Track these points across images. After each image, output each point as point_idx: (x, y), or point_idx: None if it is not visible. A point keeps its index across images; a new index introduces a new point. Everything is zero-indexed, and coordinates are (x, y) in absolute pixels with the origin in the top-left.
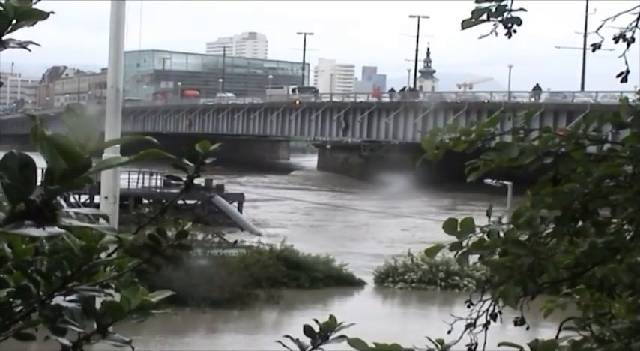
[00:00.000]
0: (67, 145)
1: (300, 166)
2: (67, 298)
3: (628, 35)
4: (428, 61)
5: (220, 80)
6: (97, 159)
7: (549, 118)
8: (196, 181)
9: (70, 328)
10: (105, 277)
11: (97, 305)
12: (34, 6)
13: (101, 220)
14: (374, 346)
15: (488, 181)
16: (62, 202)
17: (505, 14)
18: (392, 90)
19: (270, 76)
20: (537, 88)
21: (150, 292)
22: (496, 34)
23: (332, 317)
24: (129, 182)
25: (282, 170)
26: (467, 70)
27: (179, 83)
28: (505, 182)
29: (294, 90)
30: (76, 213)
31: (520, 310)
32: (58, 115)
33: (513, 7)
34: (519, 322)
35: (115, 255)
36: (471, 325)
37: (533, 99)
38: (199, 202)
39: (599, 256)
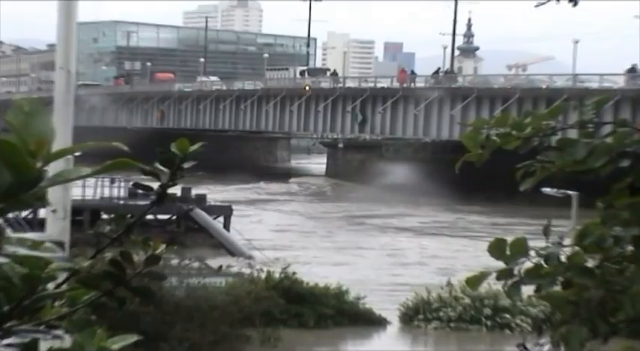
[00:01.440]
0: (12, 152)
1: (304, 171)
2: (3, 341)
3: None
4: (469, 35)
5: (202, 60)
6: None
7: (626, 109)
8: (171, 191)
9: None
10: (52, 314)
11: None
12: None
13: (46, 243)
14: None
15: (547, 189)
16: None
17: None
18: (412, 72)
19: (266, 55)
20: (633, 70)
21: (111, 335)
22: (557, 0)
23: None
24: (84, 191)
25: (281, 176)
26: (519, 46)
27: (148, 64)
28: (568, 191)
29: (302, 73)
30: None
31: None
32: None
33: None
34: None
35: (65, 286)
36: None
37: (623, 84)
38: (174, 218)
39: None
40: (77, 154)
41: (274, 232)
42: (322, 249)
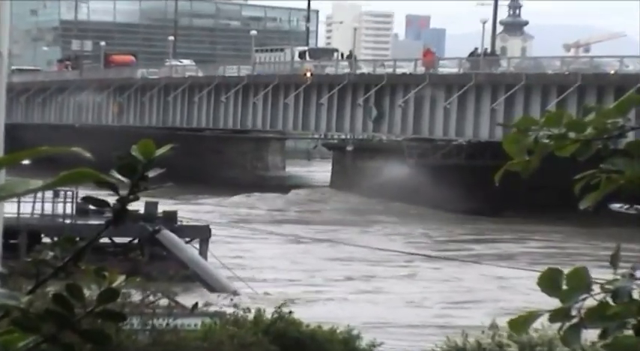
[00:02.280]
0: None
1: (303, 181)
2: None
3: None
4: (515, 6)
5: (171, 38)
6: None
7: None
8: (131, 207)
9: None
10: None
11: None
12: None
13: None
14: None
15: (615, 205)
16: None
17: None
18: (437, 55)
19: (254, 32)
20: None
21: None
22: None
23: None
24: (19, 207)
25: (274, 188)
26: (581, 21)
27: (102, 43)
28: None
29: (302, 55)
30: None
31: None
32: None
33: None
34: None
35: None
36: None
37: None
38: (137, 241)
39: None
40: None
41: (265, 260)
42: (327, 280)
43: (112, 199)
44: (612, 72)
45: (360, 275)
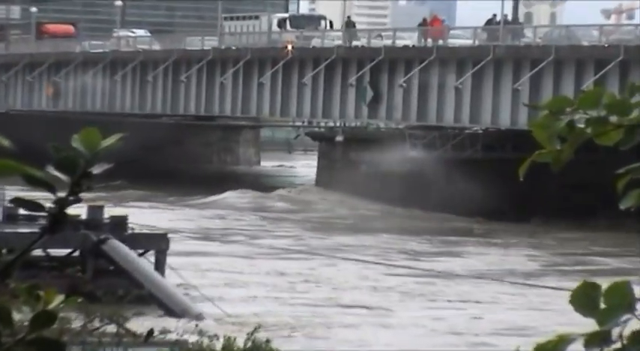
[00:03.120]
0: None
1: (282, 179)
2: None
3: None
4: None
5: (119, 3)
6: None
7: None
8: (71, 211)
9: None
10: None
11: None
12: None
13: None
14: None
15: None
16: None
17: None
18: (447, 24)
19: None
20: None
21: None
22: None
23: None
24: None
25: (246, 187)
26: None
27: (33, 10)
28: None
29: (281, 23)
30: None
31: None
32: None
33: None
34: None
35: None
36: None
37: None
38: (78, 254)
39: None
40: None
41: (236, 275)
42: (313, 301)
43: (48, 202)
44: None
45: (358, 298)
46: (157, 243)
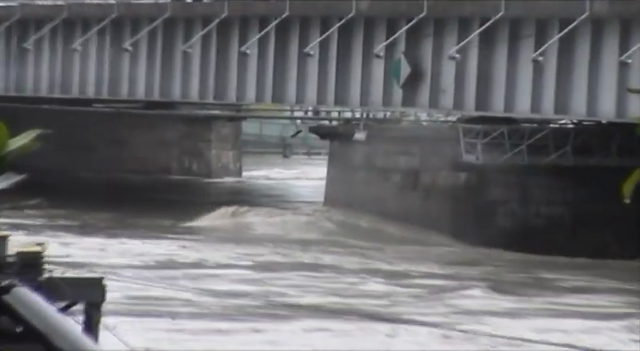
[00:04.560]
0: None
1: (273, 195)
2: None
3: None
4: None
5: None
6: None
7: None
8: None
9: None
10: None
11: None
12: None
13: None
14: None
15: None
16: None
17: None
18: None
19: None
20: None
21: None
22: None
23: None
24: None
25: (219, 208)
26: None
27: None
28: None
29: None
30: None
31: None
32: None
33: None
34: None
35: None
36: None
37: None
38: None
39: None
40: None
41: (205, 338)
42: None
43: None
44: None
45: None
46: (87, 292)
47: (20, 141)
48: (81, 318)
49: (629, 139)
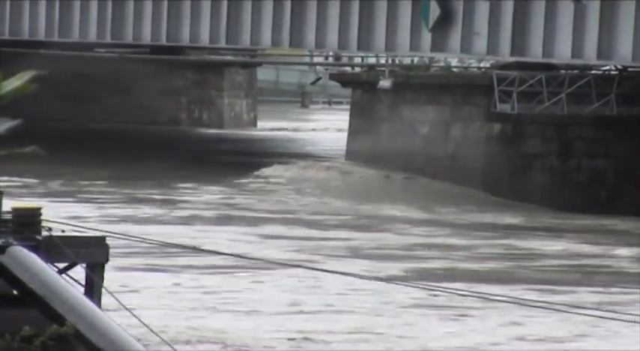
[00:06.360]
0: None
1: (291, 147)
2: None
3: None
4: None
5: None
6: None
7: None
8: None
9: None
10: None
11: None
12: None
13: None
14: None
15: None
16: None
17: None
18: None
19: None
20: None
21: None
22: None
23: None
24: None
25: (235, 163)
26: None
27: None
28: None
29: None
30: None
31: None
32: None
33: None
34: None
35: None
36: None
37: None
38: None
39: None
40: None
41: (208, 301)
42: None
43: None
44: None
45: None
46: (89, 252)
47: (14, 83)
48: (82, 281)
49: None
